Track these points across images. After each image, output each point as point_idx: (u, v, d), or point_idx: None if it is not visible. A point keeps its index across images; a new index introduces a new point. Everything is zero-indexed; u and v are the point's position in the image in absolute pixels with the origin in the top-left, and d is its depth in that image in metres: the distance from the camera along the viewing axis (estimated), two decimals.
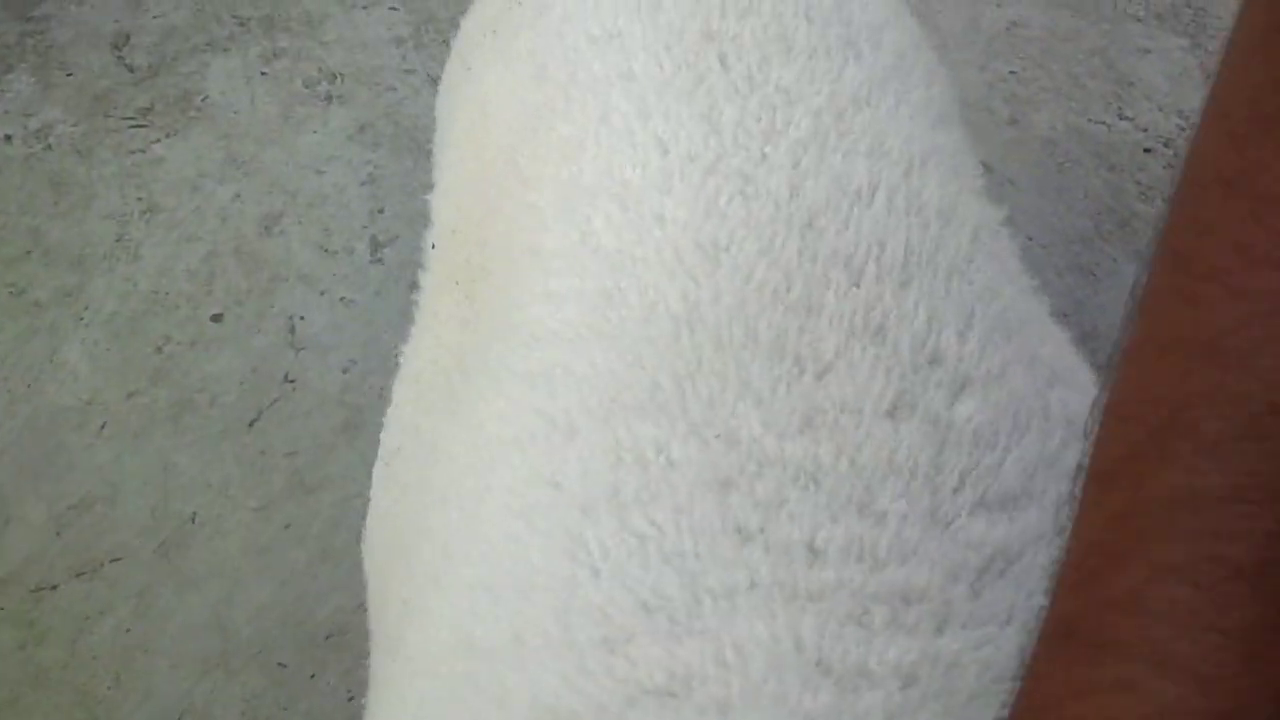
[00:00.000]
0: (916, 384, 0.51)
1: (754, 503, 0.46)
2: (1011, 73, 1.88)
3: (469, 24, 0.82)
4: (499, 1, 0.75)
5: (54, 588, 1.24)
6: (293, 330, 1.48)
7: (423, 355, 0.75)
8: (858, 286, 0.54)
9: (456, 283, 0.72)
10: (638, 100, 0.62)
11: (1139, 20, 1.98)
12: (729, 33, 0.64)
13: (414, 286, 1.53)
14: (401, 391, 0.77)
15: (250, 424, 1.38)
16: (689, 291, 0.54)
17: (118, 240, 1.58)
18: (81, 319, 1.48)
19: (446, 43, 1.88)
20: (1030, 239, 1.62)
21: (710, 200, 0.57)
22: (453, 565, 0.54)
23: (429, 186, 1.66)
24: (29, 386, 1.41)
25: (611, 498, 0.48)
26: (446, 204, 0.76)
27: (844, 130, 0.61)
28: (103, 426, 1.37)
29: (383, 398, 1.41)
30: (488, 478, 0.54)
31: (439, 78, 1.83)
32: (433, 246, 0.76)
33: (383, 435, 0.78)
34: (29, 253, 1.56)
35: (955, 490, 0.48)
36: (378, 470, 0.77)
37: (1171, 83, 1.86)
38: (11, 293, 1.51)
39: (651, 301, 0.54)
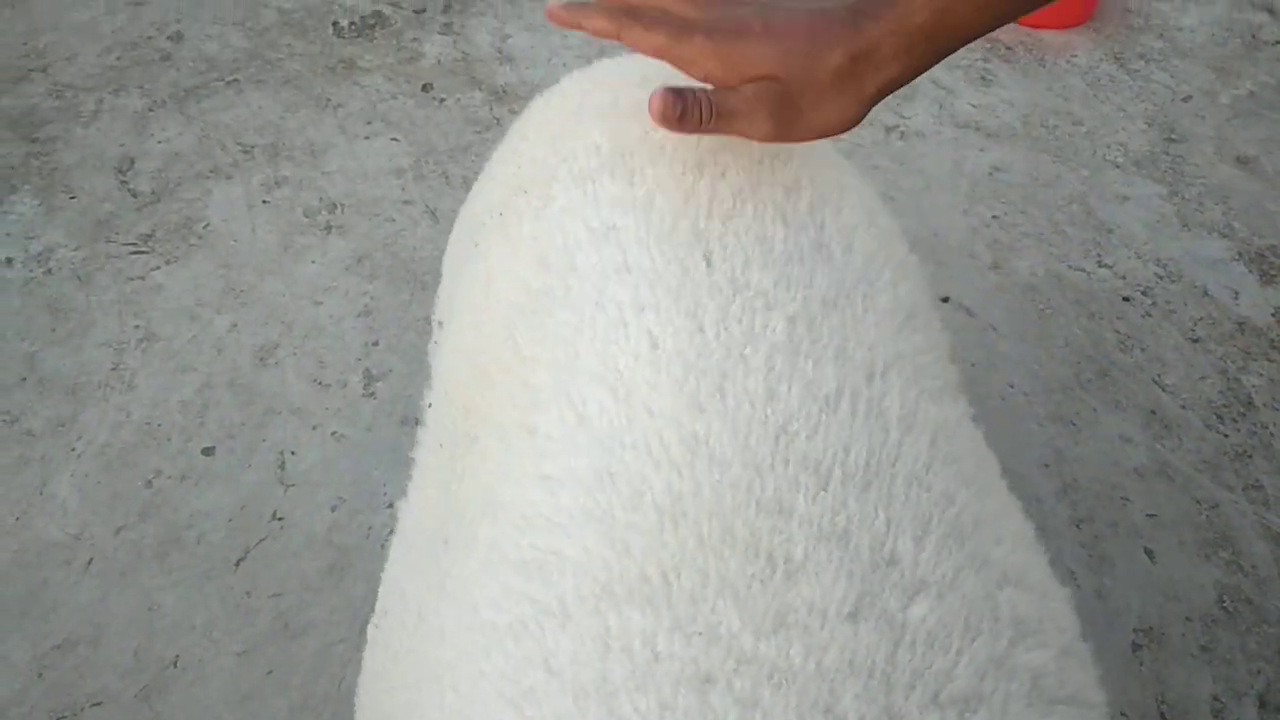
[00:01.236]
0: (875, 585, 0.54)
1: (733, 700, 0.49)
2: (994, 217, 1.93)
3: (476, 204, 0.86)
4: (506, 188, 0.78)
5: None
6: (283, 465, 1.49)
7: (411, 515, 0.77)
8: (825, 490, 0.57)
9: (441, 445, 0.74)
10: (632, 291, 0.65)
11: (1118, 167, 2.05)
12: (714, 233, 0.68)
13: (405, 421, 1.56)
14: (395, 550, 0.79)
15: (237, 563, 1.39)
16: (673, 483, 0.57)
17: (113, 369, 1.60)
18: (73, 450, 1.50)
19: (445, 175, 1.94)
20: (1012, 386, 1.65)
21: (693, 395, 0.60)
22: None
23: (423, 320, 1.69)
24: (17, 520, 1.42)
25: (601, 686, 0.50)
26: (443, 368, 0.78)
27: (815, 336, 0.64)
28: (90, 563, 1.38)
29: (370, 538, 1.43)
30: (482, 663, 0.55)
31: (437, 209, 1.88)
32: (429, 405, 0.78)
33: (380, 590, 0.79)
34: (24, 380, 1.58)
35: (909, 689, 0.51)
36: (371, 629, 0.78)
37: (1150, 230, 1.92)
38: (5, 421, 1.53)
39: (639, 490, 0.57)
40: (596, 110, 0.76)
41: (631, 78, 0.79)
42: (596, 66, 0.85)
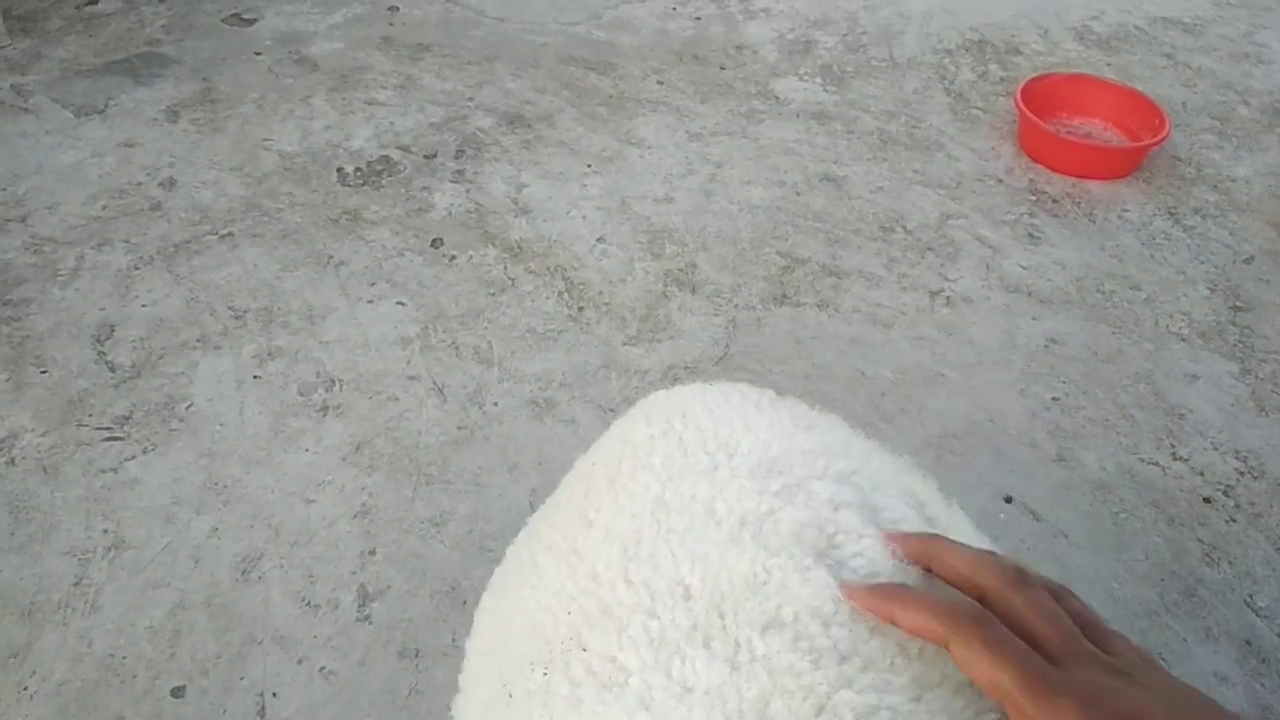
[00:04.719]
0: None
1: None
2: (1054, 399, 1.76)
3: (508, 634, 0.62)
4: (551, 630, 0.56)
5: None
6: (262, 711, 1.30)
7: None
8: None
9: None
10: None
11: (1183, 339, 1.89)
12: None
13: (403, 654, 1.37)
14: None
15: None
16: None
17: (76, 584, 1.41)
18: (25, 689, 1.30)
19: (455, 345, 1.77)
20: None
21: None
22: None
23: (425, 522, 1.51)
24: None
25: None
26: None
27: None
28: None
29: None
30: None
31: (445, 386, 1.71)
32: None
33: None
34: None
35: None
36: None
37: (1225, 416, 1.75)
38: None
39: None
40: (686, 515, 0.57)
41: (740, 463, 0.60)
42: (678, 410, 0.64)
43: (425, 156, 2.18)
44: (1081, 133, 2.36)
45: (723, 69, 2.54)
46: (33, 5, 2.54)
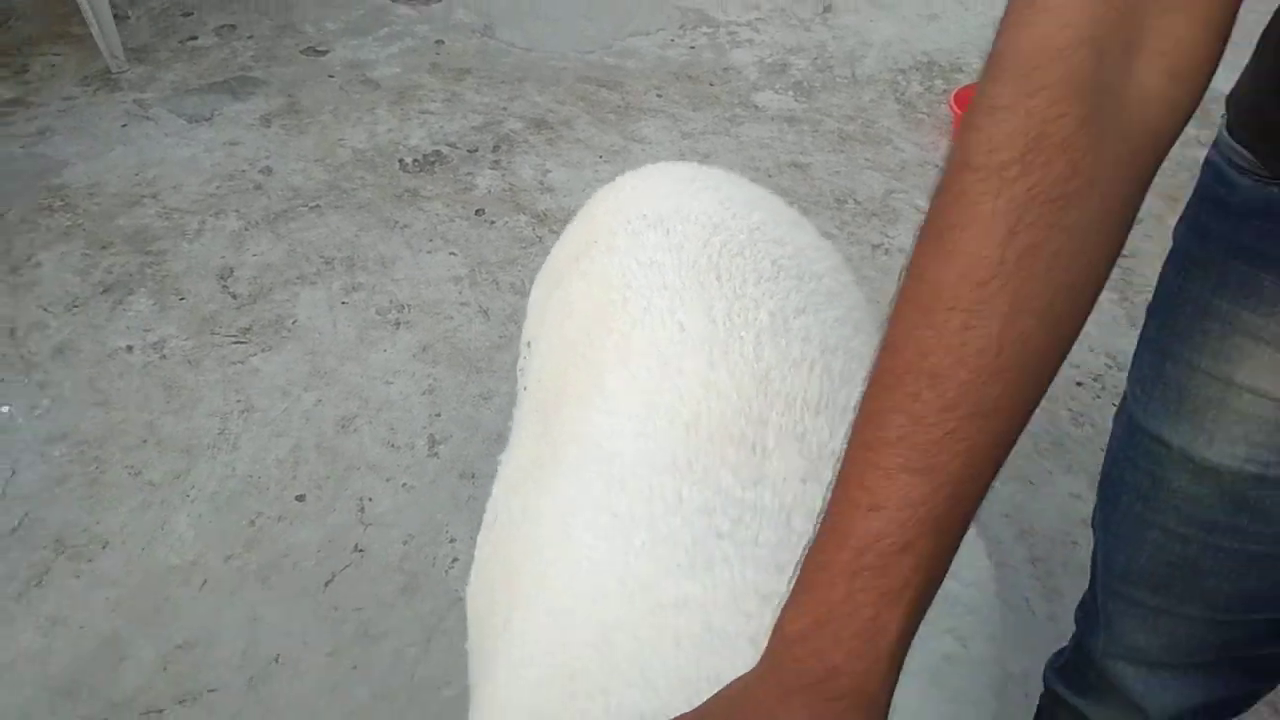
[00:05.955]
0: (820, 466, 0.83)
1: (728, 525, 0.79)
2: None
3: (559, 255, 1.17)
4: (581, 241, 1.09)
5: (160, 711, 1.49)
6: (362, 510, 1.78)
7: (513, 460, 1.06)
8: (791, 410, 0.87)
9: (537, 410, 1.04)
10: (668, 300, 0.95)
11: None
12: (724, 265, 0.99)
13: (463, 476, 1.86)
14: (499, 486, 1.07)
15: (325, 585, 1.66)
16: (695, 409, 0.87)
17: (220, 433, 1.90)
18: (188, 496, 1.79)
19: (496, 282, 2.28)
20: None
21: (707, 358, 0.91)
22: (546, 586, 0.84)
23: (478, 396, 2.00)
24: (143, 550, 1.70)
25: (648, 515, 0.80)
26: (538, 363, 1.08)
27: (788, 327, 0.95)
28: (204, 583, 1.65)
29: (435, 565, 1.71)
30: (571, 522, 0.85)
31: (489, 309, 2.22)
32: (525, 389, 1.09)
33: (485, 516, 1.07)
34: (145, 441, 1.88)
35: None
36: (481, 535, 1.05)
37: (1101, 329, 2.22)
38: (130, 473, 1.83)
39: (673, 415, 0.87)
40: (644, 196, 1.08)
41: (670, 176, 1.12)
42: (640, 171, 1.18)
43: (469, 151, 2.71)
44: None
45: (711, 85, 3.07)
46: (145, 39, 3.10)
